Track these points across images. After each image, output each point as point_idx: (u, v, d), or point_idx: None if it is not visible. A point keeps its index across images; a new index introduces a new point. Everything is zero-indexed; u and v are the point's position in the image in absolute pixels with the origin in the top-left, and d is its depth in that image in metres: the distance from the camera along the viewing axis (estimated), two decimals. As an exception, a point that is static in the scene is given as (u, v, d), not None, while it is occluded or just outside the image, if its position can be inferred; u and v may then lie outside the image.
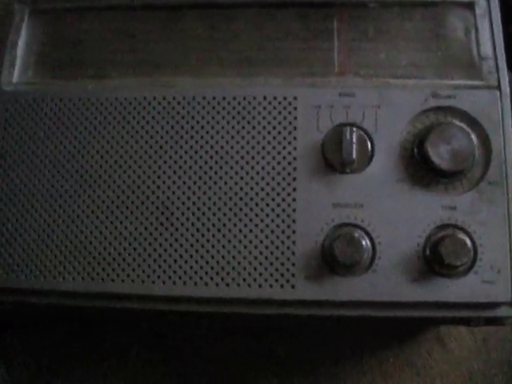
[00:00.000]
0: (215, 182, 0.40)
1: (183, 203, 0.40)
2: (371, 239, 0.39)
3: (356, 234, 0.38)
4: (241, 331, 0.51)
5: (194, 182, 0.40)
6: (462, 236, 0.38)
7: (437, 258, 0.38)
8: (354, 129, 0.40)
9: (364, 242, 0.38)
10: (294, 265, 0.39)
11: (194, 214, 0.40)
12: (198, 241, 0.40)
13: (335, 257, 0.38)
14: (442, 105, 0.41)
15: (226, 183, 0.40)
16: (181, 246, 0.40)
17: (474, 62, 0.42)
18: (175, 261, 0.39)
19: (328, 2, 0.44)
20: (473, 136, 0.39)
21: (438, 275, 0.38)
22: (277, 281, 0.39)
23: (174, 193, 0.40)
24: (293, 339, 0.51)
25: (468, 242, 0.38)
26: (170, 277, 0.39)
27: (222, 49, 0.43)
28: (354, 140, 0.39)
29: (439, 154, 0.39)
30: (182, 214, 0.40)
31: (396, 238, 0.39)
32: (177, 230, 0.40)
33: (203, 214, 0.40)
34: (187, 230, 0.40)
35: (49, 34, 0.45)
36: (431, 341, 0.48)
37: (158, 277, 0.39)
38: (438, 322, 0.44)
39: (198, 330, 0.52)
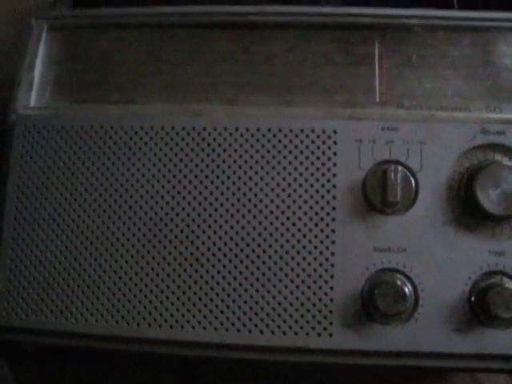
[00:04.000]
0: (248, 222, 0.38)
1: (214, 243, 0.38)
2: (414, 286, 0.37)
3: (399, 282, 0.36)
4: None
5: (226, 221, 0.38)
6: (510, 285, 0.36)
7: (483, 308, 0.36)
8: (399, 168, 0.37)
9: (407, 290, 0.36)
10: (331, 312, 0.37)
11: (225, 255, 0.37)
12: (229, 284, 0.37)
13: (376, 305, 0.36)
14: (491, 142, 0.38)
15: (260, 223, 0.38)
16: (211, 289, 0.37)
17: (525, 94, 0.40)
18: (205, 305, 0.37)
19: (369, 24, 0.41)
20: (524, 177, 0.37)
21: (483, 325, 0.36)
22: (313, 329, 0.37)
23: (204, 232, 0.38)
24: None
25: (517, 291, 0.36)
26: (199, 322, 0.37)
27: (256, 73, 0.41)
28: (399, 180, 0.37)
29: (488, 198, 0.36)
30: (213, 254, 0.38)
31: (440, 285, 0.37)
32: (207, 272, 0.37)
33: (235, 255, 0.37)
34: (218, 272, 0.37)
35: (69, 53, 0.42)
36: (465, 379, 0.46)
37: (188, 322, 0.37)
38: (481, 371, 0.43)
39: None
